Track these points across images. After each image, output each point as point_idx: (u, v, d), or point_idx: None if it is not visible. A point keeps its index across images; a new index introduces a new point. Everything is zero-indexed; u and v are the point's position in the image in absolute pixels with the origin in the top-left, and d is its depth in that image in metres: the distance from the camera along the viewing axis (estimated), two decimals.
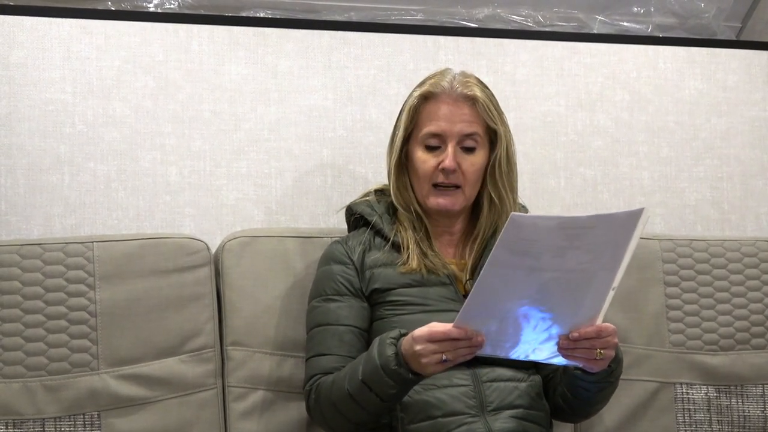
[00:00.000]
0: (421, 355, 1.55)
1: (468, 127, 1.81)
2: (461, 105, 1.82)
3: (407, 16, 2.44)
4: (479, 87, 1.85)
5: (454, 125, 1.81)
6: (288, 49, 2.22)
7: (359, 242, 1.86)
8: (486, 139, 1.84)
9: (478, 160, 1.83)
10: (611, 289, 1.52)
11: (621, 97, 2.40)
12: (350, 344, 1.78)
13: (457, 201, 1.83)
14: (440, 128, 1.81)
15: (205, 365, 1.91)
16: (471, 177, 1.82)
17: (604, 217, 1.50)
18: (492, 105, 1.84)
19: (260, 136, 2.18)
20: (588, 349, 1.57)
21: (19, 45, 2.07)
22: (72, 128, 2.08)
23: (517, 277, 1.48)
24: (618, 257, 1.50)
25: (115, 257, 1.89)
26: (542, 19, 2.53)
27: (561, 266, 1.48)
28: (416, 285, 1.80)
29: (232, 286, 1.95)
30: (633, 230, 1.49)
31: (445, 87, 1.83)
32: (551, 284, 1.49)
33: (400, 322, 1.77)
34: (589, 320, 1.55)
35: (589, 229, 1.47)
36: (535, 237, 1.46)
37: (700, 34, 2.61)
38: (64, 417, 1.82)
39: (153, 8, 2.27)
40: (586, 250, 1.48)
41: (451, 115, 1.81)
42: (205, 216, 2.13)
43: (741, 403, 2.15)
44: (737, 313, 2.18)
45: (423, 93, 1.84)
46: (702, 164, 2.43)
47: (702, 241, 2.22)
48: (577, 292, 1.52)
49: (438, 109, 1.82)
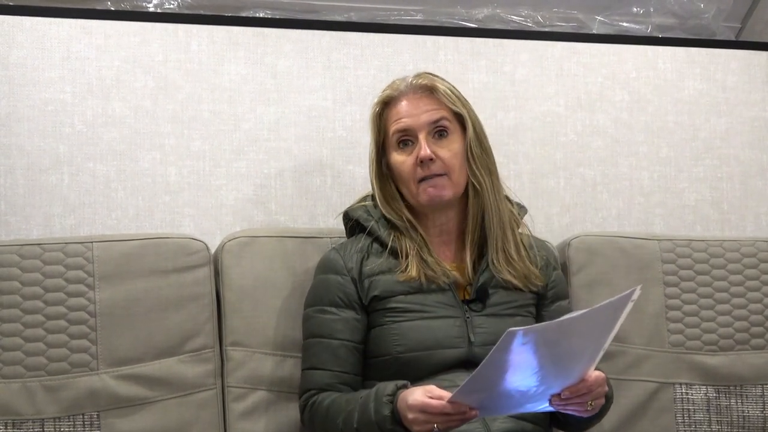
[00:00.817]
0: (413, 423, 1.58)
1: (434, 114, 1.82)
2: (420, 97, 1.83)
3: (407, 16, 2.44)
4: (437, 78, 1.85)
5: (419, 117, 1.81)
6: (287, 49, 2.22)
7: (357, 250, 1.85)
8: (456, 123, 1.84)
9: (455, 146, 1.82)
10: (602, 350, 1.57)
11: (620, 98, 2.40)
12: (344, 359, 1.80)
13: (445, 187, 1.81)
14: (406, 124, 1.82)
15: (205, 365, 1.91)
16: (452, 162, 1.81)
17: (601, 308, 1.51)
18: (451, 92, 1.84)
19: (260, 136, 2.18)
20: (580, 402, 1.61)
21: (19, 45, 2.07)
22: (71, 128, 2.08)
23: (514, 367, 1.51)
24: (609, 328, 1.55)
25: (114, 257, 1.89)
26: (542, 19, 2.53)
27: (555, 352, 1.51)
28: (415, 292, 1.80)
29: (231, 287, 1.95)
30: (626, 305, 1.53)
31: (401, 87, 1.85)
32: (545, 365, 1.52)
33: (399, 329, 1.77)
34: (578, 376, 1.59)
35: (586, 321, 1.51)
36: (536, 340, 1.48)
37: (700, 34, 2.61)
38: (64, 417, 1.82)
39: (152, 8, 2.27)
40: (581, 336, 1.53)
41: (414, 109, 1.82)
42: (205, 216, 2.13)
43: (740, 403, 2.15)
44: (736, 313, 2.18)
45: (381, 99, 1.86)
46: (701, 164, 2.43)
47: (701, 242, 2.22)
48: (570, 363, 1.56)
49: (401, 108, 1.83)
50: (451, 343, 1.77)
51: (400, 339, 1.77)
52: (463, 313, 1.80)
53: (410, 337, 1.77)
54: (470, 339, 1.77)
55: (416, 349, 1.76)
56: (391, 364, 1.77)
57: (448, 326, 1.78)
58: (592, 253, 2.14)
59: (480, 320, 1.80)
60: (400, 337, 1.77)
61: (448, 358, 1.76)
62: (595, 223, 2.35)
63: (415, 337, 1.77)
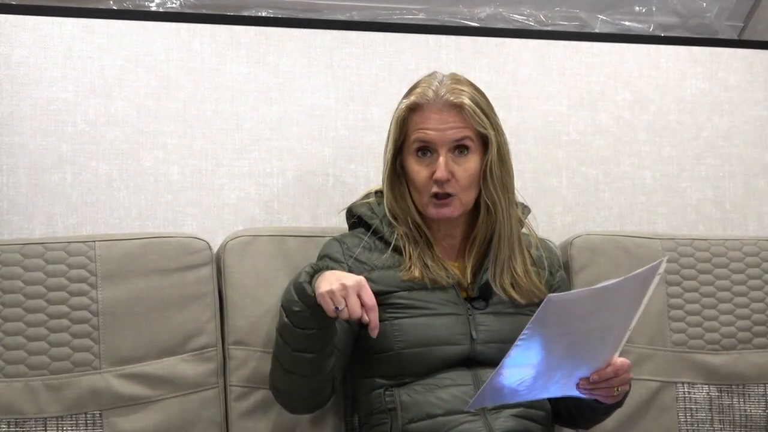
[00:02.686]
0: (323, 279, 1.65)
1: (458, 133, 1.79)
2: (449, 112, 1.79)
3: (409, 15, 2.44)
4: (467, 92, 1.81)
5: (444, 133, 1.79)
6: (290, 49, 2.22)
7: (358, 243, 1.85)
8: (479, 142, 1.81)
9: (472, 165, 1.80)
10: (628, 330, 1.59)
11: (623, 97, 2.40)
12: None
13: (455, 209, 1.81)
14: (429, 137, 1.79)
15: (207, 364, 1.91)
16: (465, 182, 1.80)
17: (630, 278, 1.53)
18: (479, 109, 1.80)
19: (262, 135, 2.18)
20: (607, 387, 1.63)
21: (21, 44, 2.07)
22: (74, 127, 2.08)
23: (547, 347, 1.52)
24: (637, 303, 1.57)
25: (117, 256, 1.89)
26: (544, 18, 2.53)
27: (585, 327, 1.53)
28: (417, 289, 1.80)
29: (233, 286, 1.95)
30: (652, 280, 1.56)
31: (430, 97, 1.80)
32: (576, 343, 1.55)
33: (401, 325, 1.77)
34: (606, 360, 1.61)
35: (616, 291, 1.52)
36: (570, 312, 1.50)
37: (702, 33, 2.61)
38: (66, 416, 1.82)
39: (155, 7, 2.27)
40: (610, 309, 1.54)
41: (440, 123, 1.79)
42: (207, 215, 2.13)
43: (743, 402, 2.15)
44: (739, 312, 2.18)
45: (409, 105, 1.82)
46: (704, 163, 2.43)
47: (704, 241, 2.22)
48: (598, 342, 1.58)
49: (426, 118, 1.80)
50: (454, 340, 1.77)
51: (402, 335, 1.77)
52: (465, 310, 1.80)
53: (412, 333, 1.76)
54: (473, 336, 1.77)
55: (418, 346, 1.76)
56: (393, 360, 1.77)
57: (451, 323, 1.78)
58: (594, 252, 2.14)
59: (482, 318, 1.80)
60: (402, 333, 1.77)
61: (450, 354, 1.76)
62: (597, 222, 2.35)
63: (418, 333, 1.76)
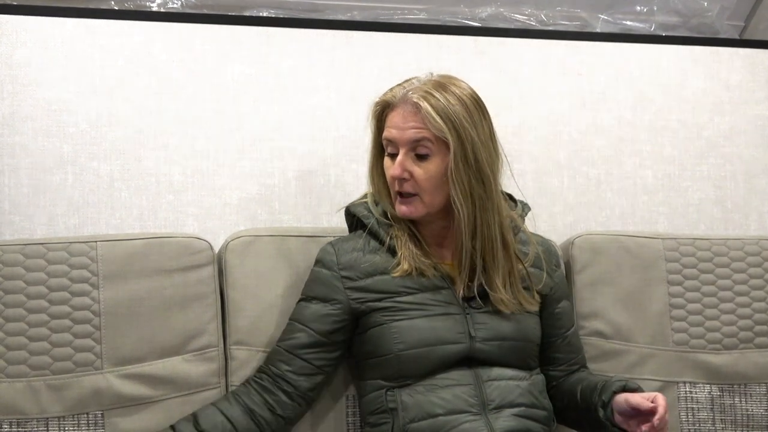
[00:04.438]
0: None
1: (416, 134, 1.76)
2: (411, 112, 1.77)
3: (410, 15, 2.44)
4: (435, 96, 1.75)
5: (404, 132, 1.77)
6: (291, 49, 2.22)
7: (354, 247, 1.84)
8: (441, 145, 1.76)
9: (432, 167, 1.77)
10: None
11: (624, 96, 2.40)
12: (303, 344, 1.81)
13: (416, 209, 1.79)
14: (392, 135, 1.79)
15: (209, 364, 1.91)
16: (425, 184, 1.77)
17: None
18: (437, 113, 1.73)
19: (263, 136, 2.18)
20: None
21: (23, 44, 2.07)
22: (75, 128, 2.08)
23: None
24: None
25: (118, 257, 1.89)
26: (545, 17, 2.53)
27: None
28: (414, 291, 1.80)
29: (235, 286, 1.95)
30: None
31: (398, 96, 1.79)
32: None
33: (399, 327, 1.77)
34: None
35: None
36: None
37: (703, 32, 2.61)
38: (68, 416, 1.82)
39: (156, 8, 2.27)
40: None
41: (402, 122, 1.77)
42: (209, 215, 2.13)
43: (744, 401, 2.15)
44: (740, 312, 2.18)
45: (380, 101, 1.83)
46: (705, 163, 2.43)
47: (705, 240, 2.22)
48: None
49: (393, 116, 1.79)
50: (453, 339, 1.77)
51: (400, 337, 1.76)
52: (462, 309, 1.79)
53: (411, 335, 1.76)
54: (471, 334, 1.77)
55: (417, 346, 1.76)
56: (393, 363, 1.77)
57: (449, 323, 1.78)
58: (595, 252, 2.14)
59: (480, 317, 1.79)
60: (400, 335, 1.76)
61: (449, 354, 1.76)
62: (599, 221, 2.35)
63: (416, 334, 1.76)
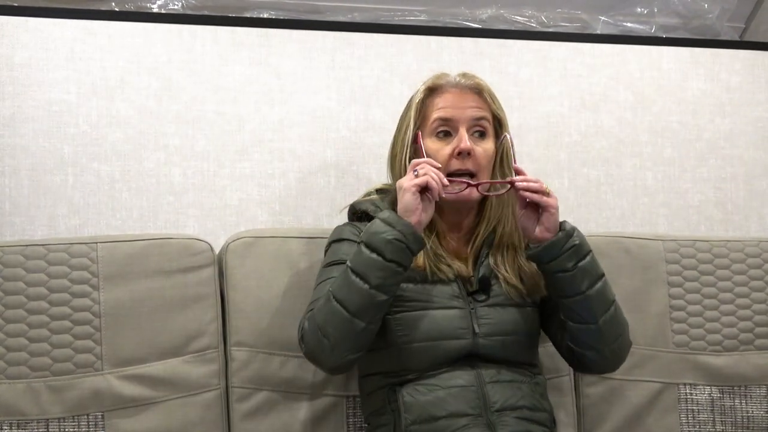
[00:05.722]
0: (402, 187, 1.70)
1: (478, 112, 1.83)
2: (468, 93, 1.84)
3: (411, 16, 2.45)
4: (482, 81, 1.88)
5: (464, 111, 1.82)
6: (291, 50, 2.22)
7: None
8: (492, 128, 1.85)
9: (489, 146, 1.83)
10: None
11: (624, 98, 2.40)
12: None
13: (473, 189, 1.80)
14: (450, 114, 1.82)
15: (209, 366, 1.91)
16: (483, 162, 1.82)
17: None
18: (494, 96, 1.87)
19: (264, 137, 2.18)
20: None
21: (23, 46, 2.07)
22: (76, 129, 2.08)
23: None
24: None
25: (119, 258, 1.89)
26: (545, 19, 2.53)
27: None
28: (420, 282, 1.79)
29: (235, 287, 1.95)
30: None
31: (449, 79, 1.86)
32: None
33: (403, 319, 1.76)
34: None
35: None
36: None
37: (704, 34, 2.61)
38: (68, 417, 1.82)
39: (156, 9, 2.27)
40: None
41: (460, 102, 1.83)
42: (209, 216, 2.13)
43: (744, 403, 2.15)
44: (741, 313, 2.18)
45: (428, 86, 1.86)
46: (705, 165, 2.43)
47: (705, 242, 2.22)
48: None
49: (446, 98, 1.83)
50: (456, 334, 1.76)
51: (404, 329, 1.76)
52: (467, 304, 1.79)
53: (414, 328, 1.75)
54: (475, 330, 1.77)
55: (420, 340, 1.75)
56: (395, 355, 1.76)
57: (453, 317, 1.77)
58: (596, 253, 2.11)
59: (484, 311, 1.79)
60: (403, 327, 1.76)
61: (452, 349, 1.75)
62: (599, 223, 2.35)
63: (420, 327, 1.75)
